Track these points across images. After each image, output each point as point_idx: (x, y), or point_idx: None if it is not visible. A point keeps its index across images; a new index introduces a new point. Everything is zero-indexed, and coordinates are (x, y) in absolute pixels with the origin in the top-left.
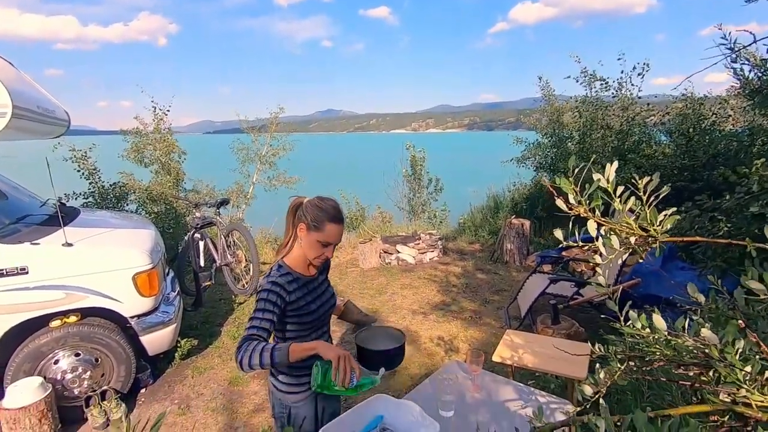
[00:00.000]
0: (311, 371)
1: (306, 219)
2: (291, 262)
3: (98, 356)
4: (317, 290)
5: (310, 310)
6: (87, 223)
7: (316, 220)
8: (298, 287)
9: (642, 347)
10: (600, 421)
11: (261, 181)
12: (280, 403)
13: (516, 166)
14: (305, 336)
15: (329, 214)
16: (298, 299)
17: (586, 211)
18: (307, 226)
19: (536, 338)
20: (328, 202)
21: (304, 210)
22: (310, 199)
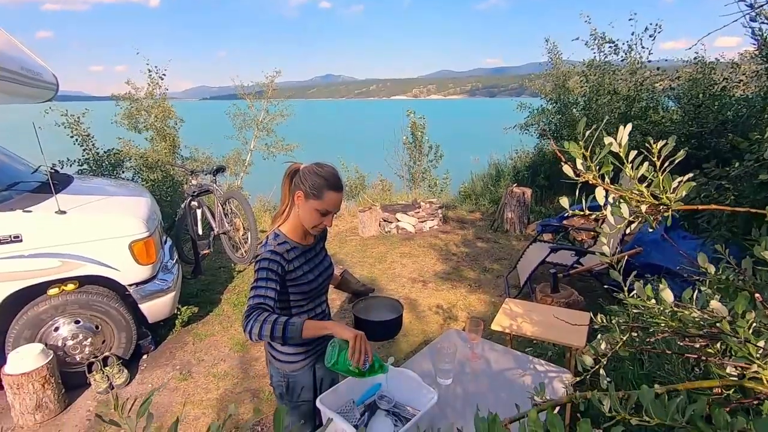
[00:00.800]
0: (311, 343)
1: (303, 186)
2: (288, 230)
3: (98, 323)
4: (315, 259)
5: (308, 280)
6: (80, 190)
7: (314, 187)
8: (296, 256)
9: (646, 318)
10: (605, 398)
11: (259, 148)
12: (278, 372)
13: (519, 133)
14: (304, 305)
15: (328, 182)
16: (296, 269)
17: (595, 177)
18: (305, 194)
19: (535, 307)
20: (327, 169)
21: (302, 177)
22: (308, 166)
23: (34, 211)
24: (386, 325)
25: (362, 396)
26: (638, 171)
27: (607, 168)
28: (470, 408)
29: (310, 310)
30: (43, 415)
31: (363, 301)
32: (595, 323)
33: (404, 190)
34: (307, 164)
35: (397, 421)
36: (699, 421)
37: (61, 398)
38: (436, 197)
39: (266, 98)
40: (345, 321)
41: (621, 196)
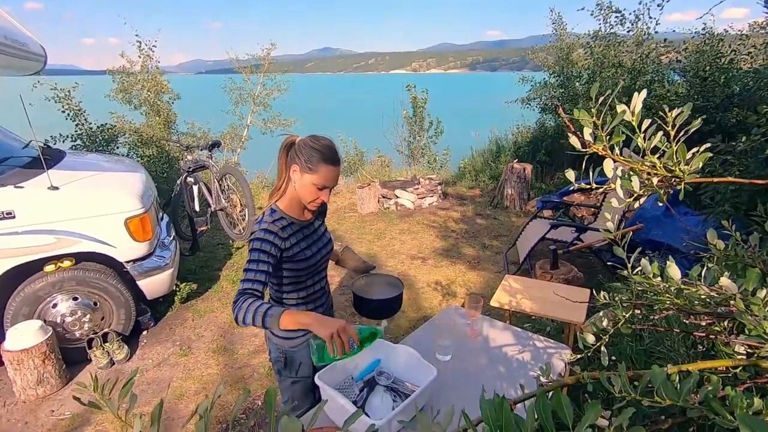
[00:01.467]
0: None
1: (299, 160)
2: (284, 206)
3: (96, 300)
4: (313, 236)
5: (305, 257)
6: (73, 165)
7: (309, 161)
8: (293, 233)
9: (650, 295)
10: (615, 379)
11: (255, 123)
12: (276, 348)
13: (520, 107)
14: (302, 281)
15: (324, 155)
16: (292, 245)
17: (605, 148)
18: (301, 168)
19: (535, 283)
20: (323, 142)
21: (297, 150)
22: (303, 138)
23: (26, 187)
24: (386, 302)
25: (361, 372)
26: (651, 141)
27: (618, 138)
28: (469, 384)
29: (308, 286)
30: (45, 390)
31: (363, 278)
32: (597, 300)
33: (403, 166)
34: (303, 137)
35: (396, 396)
36: (713, 402)
37: (63, 373)
38: (436, 173)
39: (262, 72)
40: (344, 297)
41: (632, 168)
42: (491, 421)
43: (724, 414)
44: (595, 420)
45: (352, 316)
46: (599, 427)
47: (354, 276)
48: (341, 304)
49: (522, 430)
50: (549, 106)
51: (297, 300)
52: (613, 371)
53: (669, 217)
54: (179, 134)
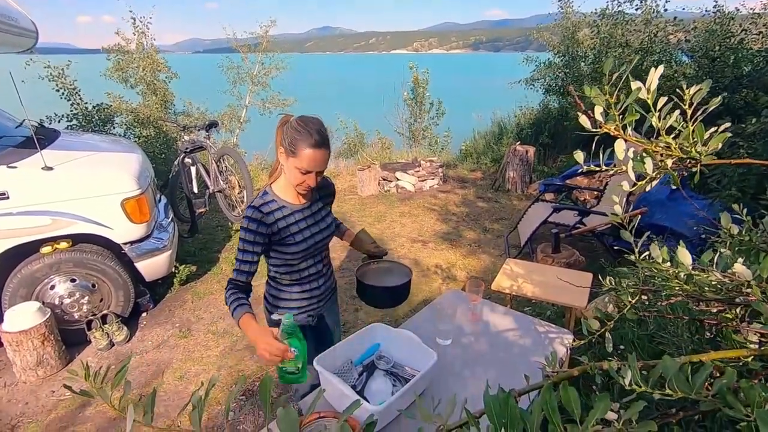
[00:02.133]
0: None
1: (284, 142)
2: (279, 188)
3: (95, 282)
4: (308, 220)
5: (295, 241)
6: (67, 145)
7: (292, 144)
8: (283, 216)
9: (658, 281)
10: (625, 370)
11: (254, 104)
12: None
13: (524, 87)
14: (293, 264)
15: (307, 138)
16: (281, 229)
17: (617, 128)
18: (285, 151)
19: (536, 267)
20: (309, 125)
21: (285, 132)
22: (293, 120)
23: (19, 167)
24: (391, 291)
25: (361, 356)
26: (666, 121)
27: (632, 117)
28: (469, 369)
29: (301, 269)
30: (45, 371)
31: (370, 264)
32: (603, 285)
33: (404, 148)
34: (297, 117)
35: (395, 381)
36: (728, 395)
37: (62, 355)
38: (437, 156)
39: (261, 51)
40: (344, 280)
41: (645, 149)
42: (496, 418)
43: (740, 408)
44: (604, 414)
45: (353, 299)
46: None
47: (367, 259)
48: (341, 287)
49: (528, 427)
50: (553, 86)
51: (290, 281)
52: (621, 361)
53: (673, 201)
54: (176, 114)
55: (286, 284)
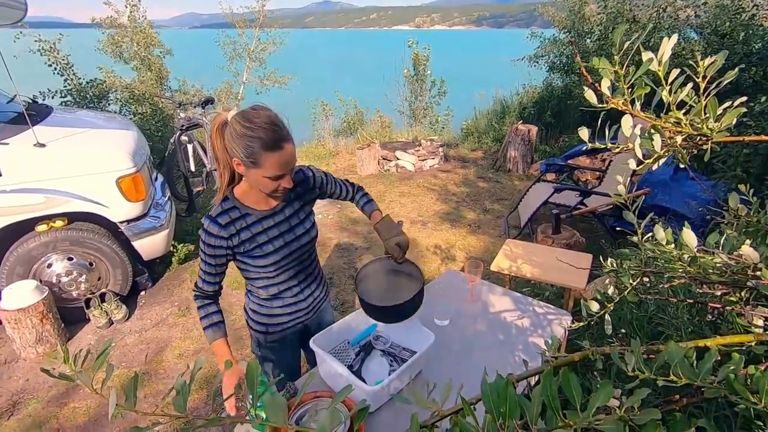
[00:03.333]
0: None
1: (237, 153)
2: (241, 192)
3: (92, 260)
4: (280, 226)
5: (263, 253)
6: (60, 122)
7: (250, 155)
8: (246, 226)
9: (661, 263)
10: (630, 356)
11: (251, 81)
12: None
13: (528, 65)
14: (269, 277)
15: (264, 141)
16: (243, 241)
17: (626, 103)
18: (243, 163)
19: (536, 248)
20: (256, 122)
21: (231, 139)
22: (233, 122)
23: (11, 143)
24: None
25: (357, 336)
26: (677, 95)
27: (642, 90)
28: (467, 350)
29: (281, 282)
30: (45, 348)
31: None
32: (603, 267)
33: (404, 127)
34: (234, 114)
35: (392, 361)
36: (736, 383)
37: (62, 332)
38: (438, 135)
39: (258, 26)
40: (342, 260)
41: (654, 125)
42: (493, 406)
43: (748, 396)
44: (607, 401)
45: (351, 279)
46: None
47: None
48: (338, 266)
49: (527, 415)
50: (557, 64)
51: (269, 295)
52: (622, 345)
53: (676, 182)
54: (172, 91)
55: (265, 299)
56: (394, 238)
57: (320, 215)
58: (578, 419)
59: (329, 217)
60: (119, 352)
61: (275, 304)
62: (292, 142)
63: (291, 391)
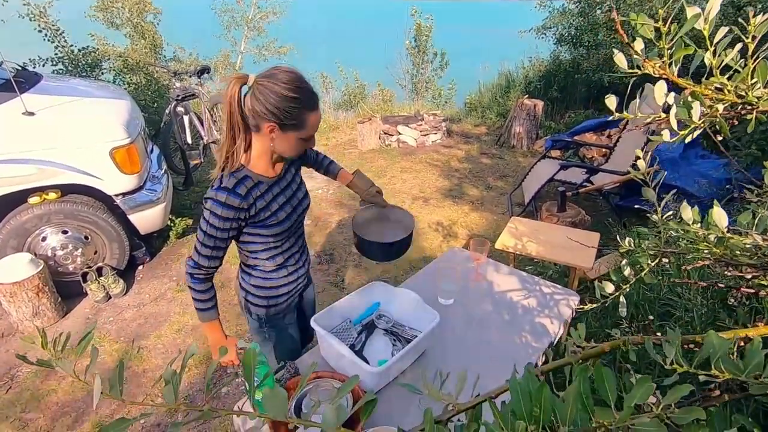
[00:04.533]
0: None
1: (276, 117)
2: (248, 161)
3: (87, 234)
4: (286, 191)
5: (278, 220)
6: (50, 90)
7: (292, 117)
8: (261, 194)
9: (684, 243)
10: (668, 348)
11: (249, 50)
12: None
13: (535, 36)
14: (277, 246)
15: (306, 102)
16: (260, 210)
17: (663, 66)
18: (281, 126)
19: (541, 226)
20: (296, 83)
21: (265, 104)
22: (267, 84)
23: None
24: (388, 247)
25: (359, 315)
26: (722, 58)
27: (683, 52)
28: (472, 330)
29: (285, 251)
30: (42, 321)
31: (368, 210)
32: (619, 246)
33: (406, 101)
34: (258, 78)
35: (395, 341)
36: None
37: (59, 306)
38: (440, 109)
39: None
40: (342, 236)
41: (693, 92)
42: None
43: None
44: (645, 399)
45: (350, 255)
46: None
47: (363, 203)
48: (340, 243)
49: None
50: (565, 36)
51: (275, 266)
52: (660, 335)
53: (685, 160)
54: (167, 60)
55: (271, 270)
56: (373, 187)
57: (320, 190)
58: (614, 419)
59: (330, 192)
60: (117, 326)
61: (281, 274)
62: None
63: (291, 371)
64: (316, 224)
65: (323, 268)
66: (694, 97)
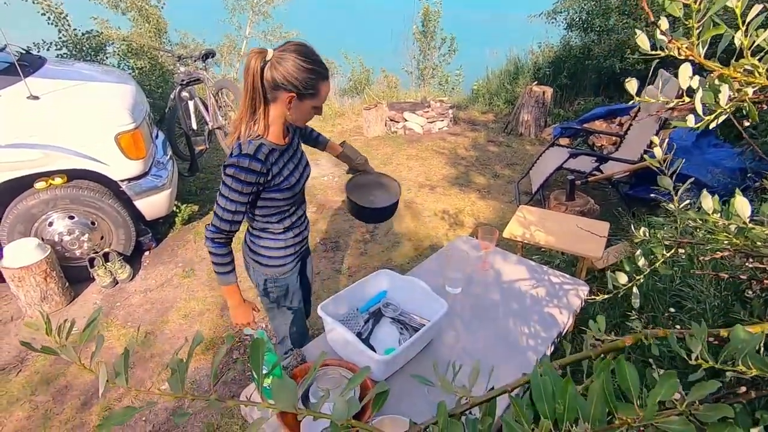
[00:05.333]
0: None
1: (294, 87)
2: (264, 131)
3: (94, 219)
4: (294, 159)
5: (290, 184)
6: (54, 74)
7: (309, 86)
8: (275, 160)
9: (702, 234)
10: (694, 343)
11: (254, 35)
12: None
13: (545, 21)
14: (286, 210)
15: (321, 73)
16: (275, 175)
17: (690, 47)
18: (299, 95)
19: (550, 215)
20: (311, 57)
21: (289, 74)
22: (284, 57)
23: (2, 95)
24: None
25: (366, 303)
26: (753, 38)
27: (714, 31)
28: (479, 319)
29: (292, 214)
30: (51, 306)
31: (358, 176)
32: (635, 236)
33: (411, 87)
34: (276, 52)
35: (402, 329)
36: None
37: (66, 291)
38: (447, 96)
39: None
40: (348, 224)
41: (722, 75)
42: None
43: None
44: (671, 396)
45: (356, 242)
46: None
47: (351, 172)
48: (344, 230)
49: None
50: (576, 21)
51: (284, 228)
52: (684, 329)
53: (698, 149)
54: (171, 45)
55: (280, 233)
56: (360, 157)
57: (325, 177)
58: (638, 416)
59: (335, 180)
60: (124, 312)
61: (289, 236)
62: None
63: (298, 359)
64: (321, 211)
65: (329, 255)
66: (722, 80)
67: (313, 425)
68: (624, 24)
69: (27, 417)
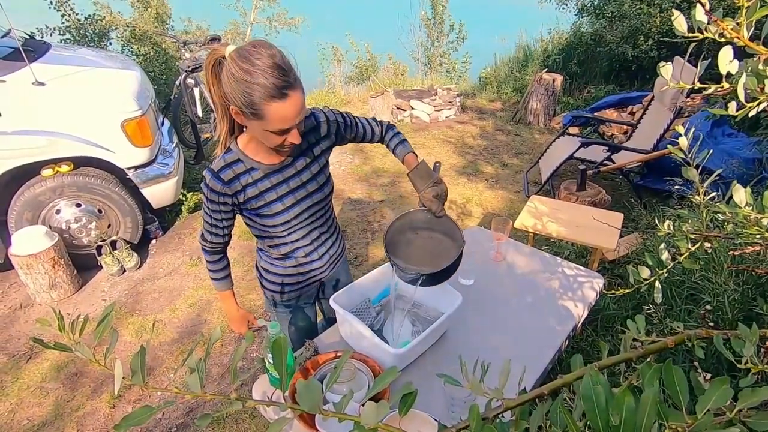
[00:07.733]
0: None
1: (235, 101)
2: (246, 143)
3: (101, 207)
4: (290, 182)
5: (272, 211)
6: (59, 60)
7: (249, 104)
8: (253, 181)
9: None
10: (746, 346)
11: (259, 21)
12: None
13: (556, 7)
14: (282, 237)
15: (264, 89)
16: (250, 198)
17: (735, 29)
18: (242, 113)
19: (562, 205)
20: (258, 63)
21: (228, 83)
22: (230, 58)
23: (8, 81)
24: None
25: (378, 295)
26: None
27: (761, 13)
28: (492, 312)
29: (292, 242)
30: (59, 293)
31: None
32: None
33: (418, 74)
34: (230, 52)
35: (415, 321)
36: None
37: (74, 279)
38: (454, 84)
39: None
40: (355, 213)
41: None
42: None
43: None
44: (723, 403)
45: (364, 232)
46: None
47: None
48: (352, 219)
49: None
50: (588, 6)
51: (281, 255)
52: (731, 330)
53: (712, 138)
54: (175, 31)
55: (277, 258)
56: (431, 189)
57: (332, 166)
58: (687, 424)
59: (342, 168)
60: (132, 300)
61: (288, 264)
62: (300, 89)
63: (311, 350)
64: None
65: None
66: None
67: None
68: (637, 10)
69: (38, 404)
